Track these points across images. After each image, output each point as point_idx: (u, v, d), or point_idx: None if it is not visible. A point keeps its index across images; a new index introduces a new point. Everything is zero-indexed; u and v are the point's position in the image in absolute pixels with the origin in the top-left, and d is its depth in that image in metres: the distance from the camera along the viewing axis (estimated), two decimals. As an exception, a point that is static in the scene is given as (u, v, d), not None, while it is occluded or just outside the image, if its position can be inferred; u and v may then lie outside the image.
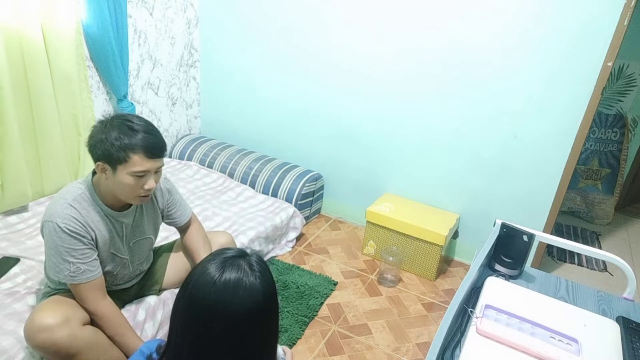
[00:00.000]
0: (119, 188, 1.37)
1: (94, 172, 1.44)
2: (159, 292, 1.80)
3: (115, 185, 1.37)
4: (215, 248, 1.78)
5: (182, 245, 1.82)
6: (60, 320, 1.32)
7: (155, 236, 1.69)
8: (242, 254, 0.90)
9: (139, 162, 1.33)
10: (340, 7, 2.63)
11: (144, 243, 1.62)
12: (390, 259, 2.40)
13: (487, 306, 1.11)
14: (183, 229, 1.77)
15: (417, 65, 2.52)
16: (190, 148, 3.16)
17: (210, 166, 3.06)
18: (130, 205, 1.51)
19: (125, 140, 1.30)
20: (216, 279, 0.84)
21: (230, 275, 0.85)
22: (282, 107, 3.06)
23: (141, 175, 1.35)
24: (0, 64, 1.97)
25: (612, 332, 1.11)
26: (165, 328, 1.79)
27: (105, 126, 1.33)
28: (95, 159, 1.35)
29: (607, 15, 2.05)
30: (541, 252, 2.59)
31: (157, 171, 1.41)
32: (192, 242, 1.74)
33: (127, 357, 1.49)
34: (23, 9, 2.03)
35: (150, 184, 1.38)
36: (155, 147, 1.36)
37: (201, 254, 1.69)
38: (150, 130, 1.36)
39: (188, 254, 1.81)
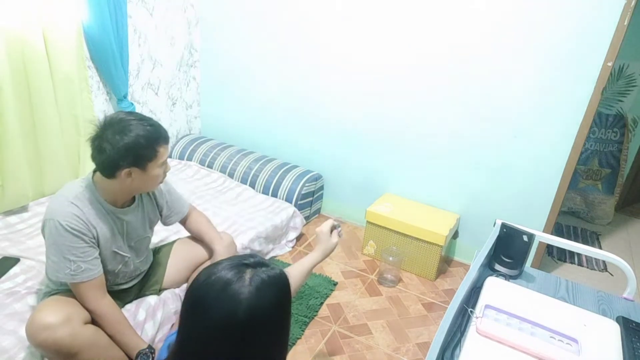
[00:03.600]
0: (148, 183, 1.44)
1: (94, 172, 1.45)
2: (159, 292, 1.80)
3: (144, 182, 1.42)
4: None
5: (183, 242, 1.85)
6: (62, 319, 1.33)
7: (152, 235, 1.71)
8: (257, 265, 0.87)
9: (163, 152, 1.42)
10: (341, 8, 2.63)
11: (144, 242, 1.64)
12: (390, 259, 2.40)
13: (487, 306, 1.11)
14: (184, 220, 1.81)
15: (417, 66, 2.52)
16: (190, 148, 3.16)
17: (210, 166, 3.06)
18: (132, 202, 1.54)
19: (149, 137, 1.36)
20: (212, 274, 0.84)
21: (224, 275, 0.83)
22: (282, 107, 3.06)
23: (165, 162, 1.44)
24: (1, 64, 1.97)
25: (612, 332, 1.11)
26: (165, 328, 1.79)
27: (120, 133, 1.32)
28: (118, 168, 1.34)
29: (607, 15, 2.05)
30: (541, 252, 2.59)
31: None
32: (196, 225, 1.81)
33: (128, 356, 1.49)
34: (24, 10, 2.03)
35: (168, 165, 1.48)
36: (164, 131, 1.43)
37: (206, 229, 1.80)
38: (149, 119, 1.42)
39: (188, 253, 1.83)
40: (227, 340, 0.82)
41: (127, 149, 1.32)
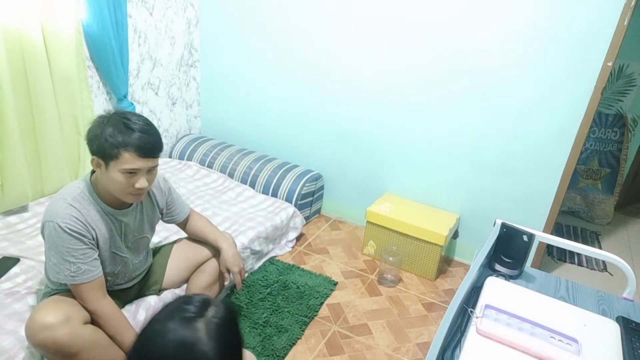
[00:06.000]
0: (111, 184, 1.38)
1: (92, 172, 1.45)
2: (159, 292, 1.80)
3: (108, 181, 1.38)
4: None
5: (183, 243, 1.85)
6: (61, 318, 1.33)
7: (152, 235, 1.71)
8: (201, 310, 0.84)
9: (129, 159, 1.32)
10: (341, 8, 2.63)
11: (141, 242, 1.63)
12: (390, 259, 2.40)
13: (487, 306, 1.11)
14: (184, 223, 1.81)
15: (418, 66, 2.52)
16: (190, 148, 3.16)
17: (210, 166, 3.06)
18: (131, 204, 1.52)
19: (118, 138, 1.31)
20: (168, 344, 0.79)
21: (182, 341, 0.79)
22: (282, 107, 3.06)
23: (132, 173, 1.35)
24: (1, 64, 1.97)
25: (612, 332, 1.11)
26: (166, 328, 1.79)
27: (103, 121, 1.35)
28: (91, 153, 1.37)
29: (607, 15, 2.05)
30: (541, 252, 2.59)
31: (151, 171, 1.40)
32: (197, 226, 1.81)
33: (128, 356, 1.49)
34: (23, 9, 2.03)
35: (141, 182, 1.37)
36: (147, 146, 1.35)
37: (210, 230, 1.81)
38: (147, 130, 1.36)
39: (188, 254, 1.83)
40: None
41: (95, 136, 1.33)
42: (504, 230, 1.38)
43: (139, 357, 0.83)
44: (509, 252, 1.36)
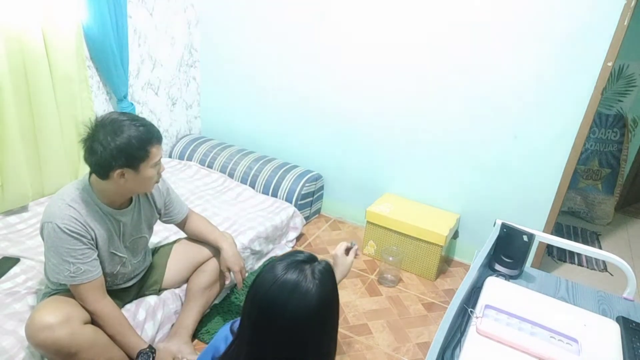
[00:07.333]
0: (142, 184, 1.43)
1: (90, 172, 1.45)
2: (159, 291, 1.80)
3: (138, 183, 1.41)
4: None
5: (183, 243, 1.85)
6: (61, 319, 1.33)
7: (150, 235, 1.71)
8: (310, 260, 0.98)
9: (156, 152, 1.40)
10: (341, 9, 2.63)
11: (140, 242, 1.64)
12: (390, 259, 2.40)
13: (487, 306, 1.11)
14: (183, 223, 1.81)
15: (418, 66, 2.52)
16: (190, 148, 3.16)
17: (210, 166, 3.06)
18: (129, 204, 1.53)
19: (139, 138, 1.34)
20: (277, 278, 0.93)
21: (290, 277, 0.92)
22: (282, 107, 3.06)
23: (158, 163, 1.43)
24: (1, 64, 1.97)
25: (612, 332, 1.11)
26: (166, 328, 1.79)
27: (112, 134, 1.32)
28: (111, 169, 1.34)
29: (607, 15, 2.05)
30: (541, 252, 2.59)
31: None
32: (197, 226, 1.81)
33: (128, 356, 1.50)
34: (23, 10, 2.03)
35: (162, 166, 1.48)
36: (157, 131, 1.42)
37: (210, 229, 1.80)
38: (141, 120, 1.41)
39: (188, 253, 1.83)
40: (303, 333, 0.93)
41: (119, 150, 1.32)
42: (504, 230, 1.38)
43: (253, 288, 0.96)
44: (509, 252, 1.36)
